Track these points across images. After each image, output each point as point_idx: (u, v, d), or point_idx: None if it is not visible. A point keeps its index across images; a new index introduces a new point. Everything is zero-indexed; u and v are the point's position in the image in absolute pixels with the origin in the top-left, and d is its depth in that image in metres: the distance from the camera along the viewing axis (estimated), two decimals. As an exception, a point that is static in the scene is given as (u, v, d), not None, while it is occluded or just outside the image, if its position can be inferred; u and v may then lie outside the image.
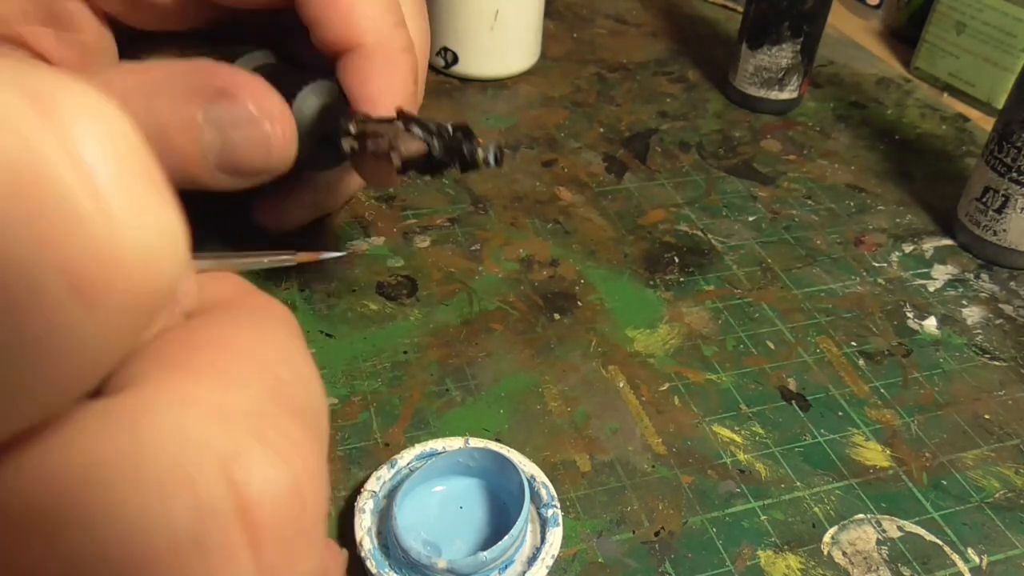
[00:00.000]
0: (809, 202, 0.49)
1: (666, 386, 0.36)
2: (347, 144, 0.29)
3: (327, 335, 0.37)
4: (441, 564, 0.26)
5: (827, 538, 0.31)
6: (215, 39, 0.34)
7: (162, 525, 0.08)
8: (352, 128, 0.29)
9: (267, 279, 0.39)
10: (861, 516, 0.31)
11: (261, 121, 0.27)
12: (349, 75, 0.29)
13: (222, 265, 0.22)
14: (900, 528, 0.31)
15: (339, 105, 0.31)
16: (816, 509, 0.32)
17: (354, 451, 0.32)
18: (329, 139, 0.30)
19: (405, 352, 0.36)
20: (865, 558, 0.30)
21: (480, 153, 0.29)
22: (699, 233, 0.46)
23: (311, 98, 0.31)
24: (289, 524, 0.09)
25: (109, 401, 0.09)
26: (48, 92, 0.07)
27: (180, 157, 0.26)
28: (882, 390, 0.37)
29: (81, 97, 0.07)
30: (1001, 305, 0.43)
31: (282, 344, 0.11)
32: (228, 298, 0.12)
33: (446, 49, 0.57)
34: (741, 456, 0.33)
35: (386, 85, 0.28)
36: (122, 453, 0.08)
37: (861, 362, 0.38)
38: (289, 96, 0.30)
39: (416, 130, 0.28)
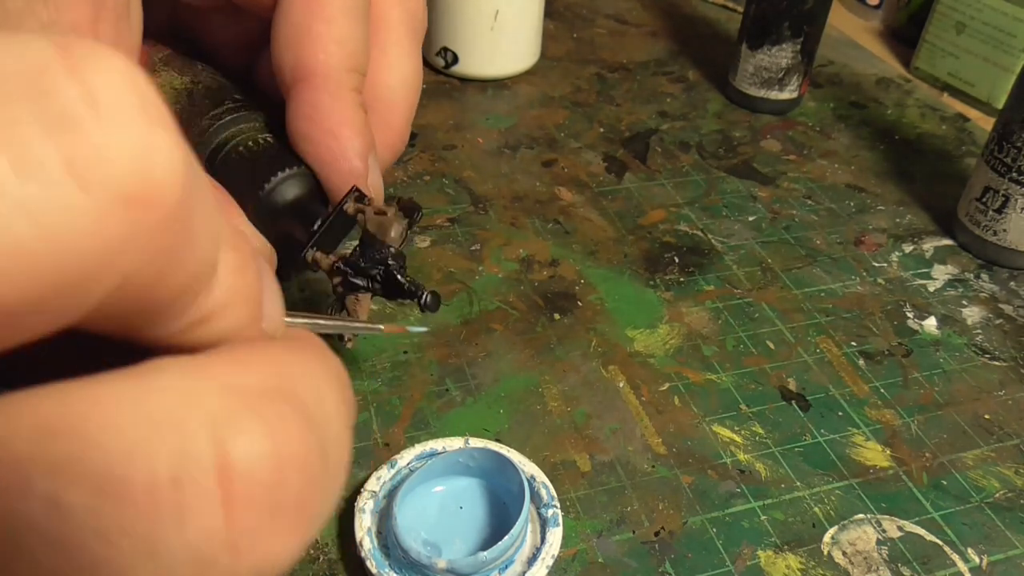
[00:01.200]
0: (809, 202, 0.49)
1: (666, 386, 0.36)
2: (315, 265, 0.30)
3: (327, 335, 0.37)
4: (441, 564, 0.26)
5: (827, 538, 0.31)
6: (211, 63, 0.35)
7: (144, 461, 0.09)
8: (316, 257, 0.30)
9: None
10: (861, 516, 0.31)
11: None
12: (293, 103, 0.30)
13: (310, 326, 0.24)
14: (900, 528, 0.31)
15: (311, 200, 0.32)
16: (816, 509, 0.32)
17: (354, 451, 0.32)
18: (295, 230, 0.31)
19: (405, 352, 0.36)
20: (865, 558, 0.30)
21: (421, 296, 0.31)
22: (699, 233, 0.46)
23: (286, 188, 0.31)
24: (263, 495, 0.10)
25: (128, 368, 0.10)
26: (73, 45, 0.09)
27: None
28: (882, 390, 0.37)
29: (99, 51, 0.09)
30: (1001, 305, 0.43)
31: (312, 369, 0.12)
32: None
33: (446, 49, 0.57)
34: (741, 456, 0.33)
35: (330, 112, 0.29)
36: (123, 396, 0.09)
37: (861, 362, 0.38)
38: (264, 179, 0.31)
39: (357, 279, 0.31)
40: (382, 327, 0.27)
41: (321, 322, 0.25)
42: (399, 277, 0.30)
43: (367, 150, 0.30)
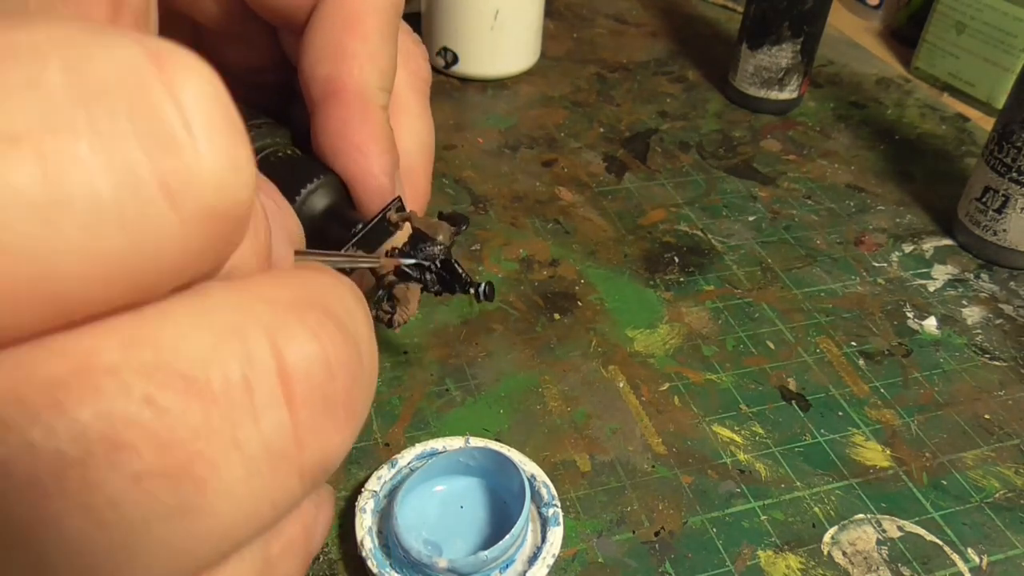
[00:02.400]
0: (809, 202, 0.49)
1: (666, 386, 0.36)
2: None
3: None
4: (442, 564, 0.26)
5: (827, 538, 0.31)
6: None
7: (219, 365, 0.10)
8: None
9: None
10: (861, 516, 0.31)
11: None
12: (322, 117, 0.30)
13: (319, 261, 0.26)
14: (900, 528, 0.31)
15: (343, 206, 0.33)
16: (816, 509, 0.32)
17: (354, 451, 0.32)
18: (328, 237, 0.33)
19: (405, 352, 0.36)
20: (865, 558, 0.30)
21: (479, 287, 0.32)
22: (699, 233, 0.46)
23: (318, 196, 0.33)
24: (317, 393, 0.11)
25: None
26: (162, 51, 0.09)
27: None
28: (882, 390, 0.37)
29: (187, 59, 0.10)
30: (1001, 305, 0.43)
31: (334, 285, 0.13)
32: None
33: (446, 49, 0.57)
34: (741, 456, 0.33)
35: (359, 129, 0.30)
36: (186, 311, 0.10)
37: (861, 362, 0.38)
38: (296, 189, 0.32)
39: (408, 272, 0.32)
40: (380, 260, 0.28)
41: (328, 258, 0.27)
42: (458, 268, 0.31)
43: (394, 167, 0.32)
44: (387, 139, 0.31)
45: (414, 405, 0.34)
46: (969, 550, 0.31)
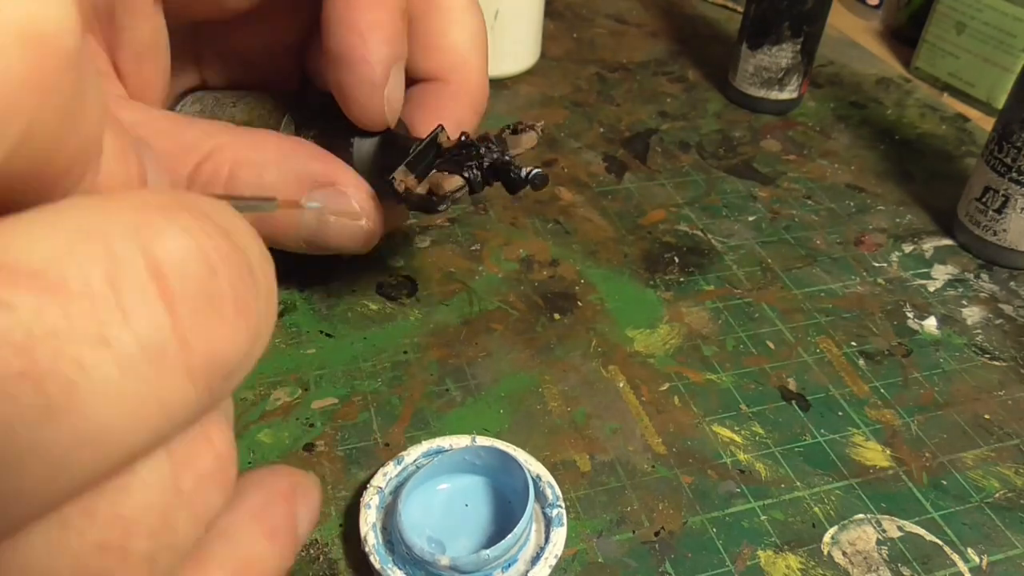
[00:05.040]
0: (809, 202, 0.49)
1: (666, 386, 0.36)
2: (399, 187, 0.32)
3: (327, 335, 0.37)
4: (444, 561, 0.26)
5: (827, 538, 0.31)
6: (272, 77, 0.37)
7: (76, 264, 0.09)
8: (400, 176, 0.32)
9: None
10: (861, 516, 0.32)
11: (360, 216, 0.32)
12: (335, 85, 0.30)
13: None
14: (900, 528, 0.31)
15: (394, 150, 0.33)
16: (816, 509, 0.32)
17: (354, 451, 0.32)
18: (384, 179, 0.33)
19: (405, 352, 0.36)
20: (865, 558, 0.30)
21: (522, 173, 0.32)
22: (699, 233, 0.46)
23: (368, 143, 0.34)
24: (199, 288, 0.10)
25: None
26: None
27: (274, 227, 0.31)
28: (882, 390, 0.37)
29: None
30: (1001, 305, 0.43)
31: (218, 204, 0.12)
32: None
33: (446, 49, 0.57)
34: (741, 456, 0.33)
35: (365, 13, 0.29)
36: (42, 215, 0.09)
37: (861, 362, 0.38)
38: (348, 143, 0.32)
39: (451, 168, 0.32)
40: (276, 201, 0.27)
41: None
42: (504, 165, 0.32)
43: (392, 60, 0.30)
44: (394, 30, 0.29)
45: (414, 405, 0.34)
46: (969, 550, 0.31)
